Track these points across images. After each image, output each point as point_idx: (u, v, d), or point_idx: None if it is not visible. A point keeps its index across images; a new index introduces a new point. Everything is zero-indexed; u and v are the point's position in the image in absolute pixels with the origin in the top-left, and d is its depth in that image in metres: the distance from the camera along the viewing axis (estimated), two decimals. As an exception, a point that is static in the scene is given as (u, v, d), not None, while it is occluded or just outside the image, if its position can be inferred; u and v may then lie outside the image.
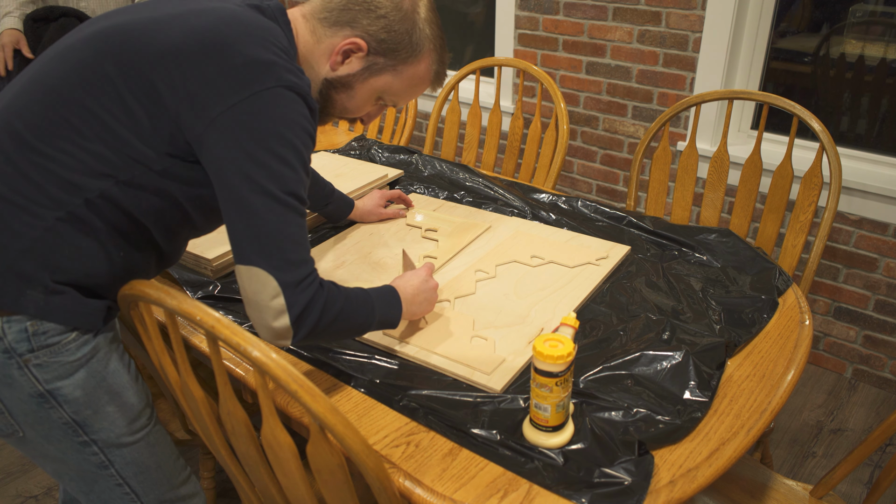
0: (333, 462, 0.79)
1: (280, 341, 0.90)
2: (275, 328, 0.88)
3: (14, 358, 0.89)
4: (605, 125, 2.55)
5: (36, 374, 0.91)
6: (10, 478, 1.88)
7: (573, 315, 0.99)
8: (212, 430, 0.94)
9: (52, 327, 0.90)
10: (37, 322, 0.89)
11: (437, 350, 1.11)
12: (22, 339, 0.89)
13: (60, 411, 0.94)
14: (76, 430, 0.95)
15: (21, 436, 0.95)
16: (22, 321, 0.88)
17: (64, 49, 0.92)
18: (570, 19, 2.47)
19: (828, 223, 1.55)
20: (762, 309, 1.21)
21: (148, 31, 0.88)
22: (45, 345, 0.90)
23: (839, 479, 1.15)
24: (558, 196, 1.67)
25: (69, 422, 0.94)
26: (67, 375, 0.93)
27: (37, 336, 0.89)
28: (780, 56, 2.21)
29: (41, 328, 0.89)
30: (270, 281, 0.86)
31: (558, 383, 0.88)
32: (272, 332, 0.89)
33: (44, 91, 0.88)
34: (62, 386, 0.93)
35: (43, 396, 0.92)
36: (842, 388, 2.21)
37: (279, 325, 0.88)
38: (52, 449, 0.97)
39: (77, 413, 0.94)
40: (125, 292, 0.86)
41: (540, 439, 0.92)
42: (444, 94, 2.15)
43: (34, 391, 0.91)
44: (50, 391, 0.92)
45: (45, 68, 0.91)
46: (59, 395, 0.93)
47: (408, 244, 1.46)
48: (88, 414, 0.95)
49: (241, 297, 0.91)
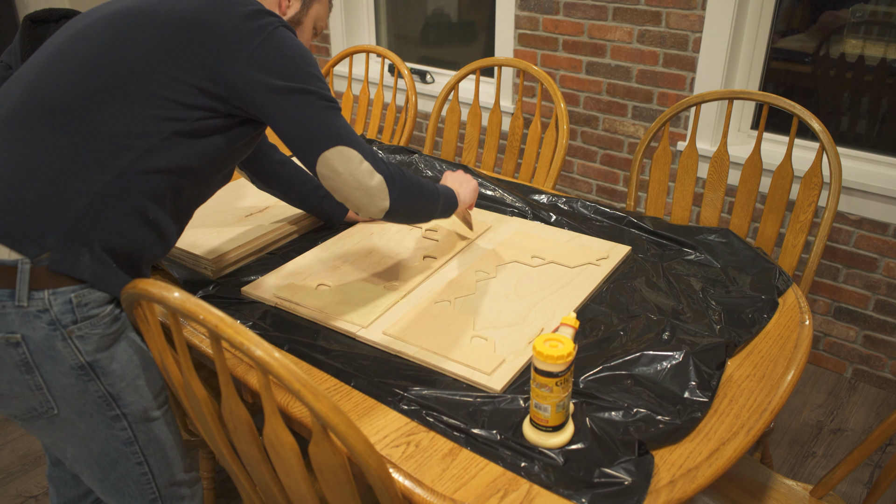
0: (335, 462, 0.79)
1: (380, 202, 1.06)
2: (373, 186, 1.05)
3: (59, 329, 0.95)
4: (605, 125, 2.55)
5: (78, 345, 0.97)
6: (10, 478, 1.88)
7: (573, 315, 1.00)
8: (214, 429, 0.94)
9: (93, 299, 0.97)
10: (80, 293, 0.96)
11: (437, 350, 1.11)
12: (67, 310, 0.95)
13: (98, 383, 1.00)
14: (110, 403, 1.02)
15: (54, 413, 0.99)
16: (66, 293, 0.94)
17: (82, 29, 1.01)
18: (570, 19, 2.47)
19: (828, 223, 1.55)
20: (762, 309, 1.21)
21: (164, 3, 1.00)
22: (87, 316, 0.97)
23: (839, 479, 1.15)
24: (558, 197, 1.67)
25: (105, 395, 1.01)
26: (105, 348, 1.00)
27: (80, 307, 0.96)
28: (780, 56, 2.22)
29: (84, 299, 0.96)
30: (353, 153, 1.03)
31: (558, 383, 0.88)
32: (372, 192, 1.05)
33: (77, 65, 0.97)
34: (101, 358, 0.99)
35: (83, 368, 0.98)
36: (842, 388, 2.22)
37: (375, 182, 1.05)
38: (82, 426, 1.02)
39: (112, 385, 1.01)
40: (128, 291, 0.87)
41: (540, 439, 0.92)
42: (445, 94, 2.15)
43: (76, 363, 0.97)
44: (90, 363, 0.98)
45: (67, 49, 0.99)
46: (98, 366, 0.99)
47: (408, 244, 1.46)
48: (122, 387, 1.02)
49: (332, 184, 1.05)
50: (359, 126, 2.37)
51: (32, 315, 0.93)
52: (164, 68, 0.97)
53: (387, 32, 3.31)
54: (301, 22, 1.20)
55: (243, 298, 1.28)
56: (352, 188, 1.05)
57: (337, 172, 1.03)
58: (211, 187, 1.12)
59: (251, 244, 1.42)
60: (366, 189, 1.05)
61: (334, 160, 1.03)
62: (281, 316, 1.23)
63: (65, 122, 0.94)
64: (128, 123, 0.96)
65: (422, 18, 3.12)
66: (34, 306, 0.93)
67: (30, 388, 0.97)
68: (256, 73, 0.99)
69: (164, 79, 0.97)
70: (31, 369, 0.95)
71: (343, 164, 1.03)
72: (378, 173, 1.05)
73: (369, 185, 1.05)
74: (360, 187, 1.04)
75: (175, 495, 1.14)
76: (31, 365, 0.95)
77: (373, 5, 3.24)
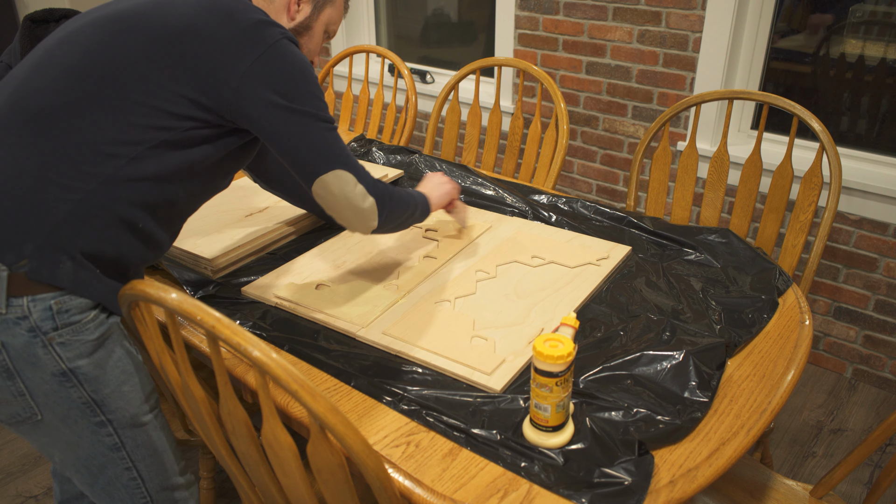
0: (334, 462, 0.79)
1: (370, 222, 1.10)
2: (365, 208, 1.08)
3: (39, 336, 0.93)
4: (605, 125, 2.55)
5: (59, 352, 0.95)
6: (10, 478, 1.88)
7: (573, 315, 1.00)
8: (212, 429, 0.94)
9: (74, 305, 0.94)
10: (60, 300, 0.93)
11: (437, 350, 1.11)
12: (47, 317, 0.92)
13: (81, 390, 0.98)
14: (94, 409, 0.99)
15: (38, 419, 0.98)
16: (46, 300, 0.92)
17: (72, 33, 0.98)
18: (570, 19, 2.47)
19: (828, 223, 1.55)
20: (762, 309, 1.21)
21: (158, 10, 0.97)
22: (68, 323, 0.94)
23: (839, 479, 1.15)
24: (558, 197, 1.67)
25: (88, 401, 0.99)
26: (88, 354, 0.97)
27: (60, 314, 0.93)
28: (780, 56, 2.21)
29: (65, 306, 0.94)
30: (349, 176, 1.05)
31: (558, 383, 0.88)
32: (364, 214, 1.08)
33: (63, 71, 0.94)
34: (83, 365, 0.97)
35: (65, 375, 0.96)
36: (842, 388, 2.21)
37: (367, 205, 1.08)
38: (67, 432, 1.00)
39: (96, 392, 0.99)
40: (125, 292, 0.87)
41: (540, 439, 0.92)
42: (445, 94, 2.15)
43: (57, 370, 0.95)
44: (72, 369, 0.96)
45: (56, 52, 0.97)
46: (79, 373, 0.97)
47: (408, 244, 1.46)
48: (106, 393, 1.00)
49: (327, 203, 1.07)
50: (359, 126, 2.37)
51: (11, 322, 0.91)
52: (153, 76, 0.94)
53: (387, 32, 3.31)
54: (311, 27, 1.17)
55: (243, 298, 1.28)
56: (344, 209, 1.07)
57: (332, 194, 1.05)
58: (206, 194, 1.10)
59: (251, 244, 1.42)
60: (358, 211, 1.08)
61: (331, 183, 1.05)
62: (281, 316, 1.23)
63: (47, 128, 0.92)
64: (112, 131, 0.93)
65: (422, 18, 3.12)
66: (13, 313, 0.91)
67: (12, 394, 0.95)
68: (253, 89, 0.97)
69: (152, 87, 0.94)
70: (13, 375, 0.94)
71: (339, 187, 1.05)
72: (370, 196, 1.08)
73: (362, 208, 1.08)
74: (352, 209, 1.07)
75: (168, 499, 1.12)
76: (13, 371, 0.93)
77: (373, 5, 3.24)
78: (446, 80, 3.08)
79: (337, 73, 3.29)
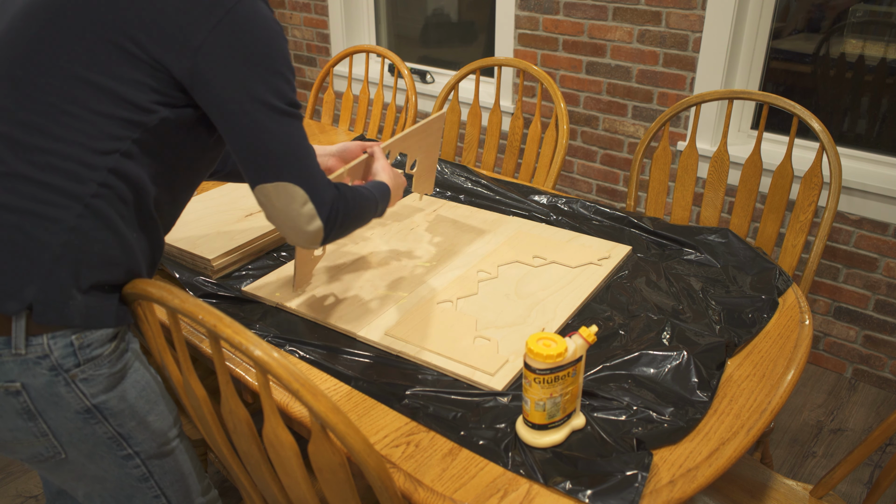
0: (335, 461, 0.79)
1: (313, 245, 0.96)
2: (309, 232, 0.93)
3: (61, 375, 0.87)
4: (605, 125, 2.55)
5: (83, 388, 0.89)
6: (11, 478, 1.88)
7: (594, 330, 0.92)
8: (214, 428, 0.94)
9: (95, 339, 0.89)
10: (81, 334, 0.88)
11: (439, 350, 1.11)
12: (68, 353, 0.87)
13: (106, 425, 0.93)
14: (120, 443, 0.95)
15: (62, 458, 0.93)
16: (66, 335, 0.86)
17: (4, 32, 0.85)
18: (570, 19, 2.47)
19: (828, 223, 1.55)
20: (762, 309, 1.21)
21: None
22: (90, 357, 0.89)
23: (839, 479, 1.15)
24: (558, 197, 1.67)
25: (114, 436, 0.94)
26: (111, 388, 0.92)
27: (82, 349, 0.88)
28: (780, 56, 2.22)
29: (86, 340, 0.88)
30: (297, 191, 0.90)
31: (538, 380, 0.87)
32: (306, 237, 0.94)
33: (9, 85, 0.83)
34: (107, 399, 0.92)
35: (90, 412, 0.91)
36: (842, 388, 2.22)
37: (313, 229, 0.93)
38: (92, 468, 0.95)
39: (121, 426, 0.94)
40: (128, 291, 0.87)
41: (530, 437, 0.92)
42: (445, 94, 2.15)
43: (81, 407, 0.90)
44: (96, 405, 0.91)
45: None
46: (104, 408, 0.92)
47: (409, 244, 1.46)
48: (132, 426, 0.95)
49: (267, 213, 0.94)
50: (359, 126, 2.37)
51: (31, 362, 0.85)
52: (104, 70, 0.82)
53: (387, 32, 3.31)
54: None
55: (243, 298, 1.28)
56: (283, 225, 0.93)
57: (273, 207, 0.92)
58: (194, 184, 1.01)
59: (251, 244, 1.42)
60: (300, 232, 0.94)
61: (273, 195, 0.91)
62: (281, 316, 1.23)
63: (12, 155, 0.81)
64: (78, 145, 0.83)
65: (422, 18, 3.12)
66: (33, 353, 0.85)
67: (34, 435, 0.90)
68: (208, 69, 0.83)
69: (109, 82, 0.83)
70: (34, 417, 0.88)
71: (283, 202, 0.91)
72: (319, 219, 0.93)
73: (304, 230, 0.93)
74: (293, 228, 0.93)
75: None
76: (34, 412, 0.88)
77: (373, 5, 3.24)
78: (446, 79, 3.08)
79: (337, 72, 3.29)
